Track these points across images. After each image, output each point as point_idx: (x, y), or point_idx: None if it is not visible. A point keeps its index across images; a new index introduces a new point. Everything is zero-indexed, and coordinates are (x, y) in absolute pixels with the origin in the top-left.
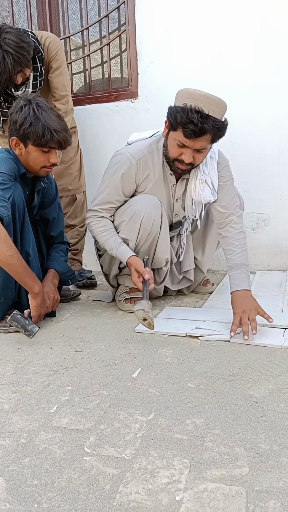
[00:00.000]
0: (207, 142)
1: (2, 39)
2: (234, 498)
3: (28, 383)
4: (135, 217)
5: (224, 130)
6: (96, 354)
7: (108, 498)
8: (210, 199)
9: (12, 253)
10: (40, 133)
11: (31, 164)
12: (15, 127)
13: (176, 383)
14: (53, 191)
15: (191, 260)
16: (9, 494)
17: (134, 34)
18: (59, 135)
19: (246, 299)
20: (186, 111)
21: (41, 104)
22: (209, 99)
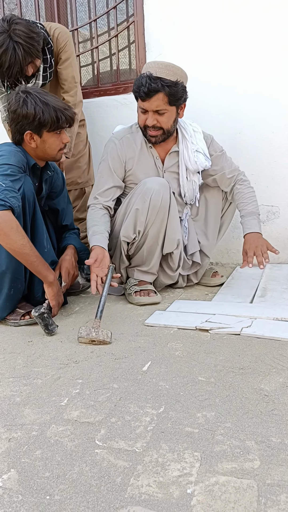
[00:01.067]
0: (163, 102)
1: (12, 30)
2: (246, 491)
3: (39, 376)
4: (144, 195)
5: (177, 89)
6: (106, 347)
7: (120, 490)
8: (205, 164)
9: (24, 242)
10: (54, 117)
11: (48, 151)
12: (27, 121)
13: (186, 377)
14: (60, 181)
15: (195, 243)
16: (22, 486)
17: (142, 25)
18: (68, 112)
19: (257, 239)
20: (138, 78)
21: (39, 90)
22: (159, 63)
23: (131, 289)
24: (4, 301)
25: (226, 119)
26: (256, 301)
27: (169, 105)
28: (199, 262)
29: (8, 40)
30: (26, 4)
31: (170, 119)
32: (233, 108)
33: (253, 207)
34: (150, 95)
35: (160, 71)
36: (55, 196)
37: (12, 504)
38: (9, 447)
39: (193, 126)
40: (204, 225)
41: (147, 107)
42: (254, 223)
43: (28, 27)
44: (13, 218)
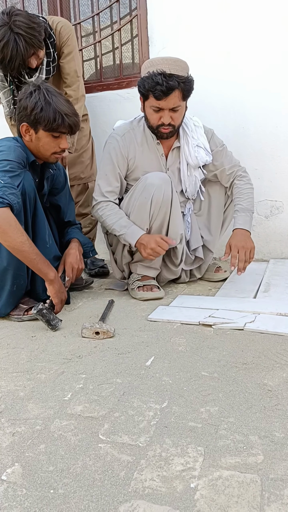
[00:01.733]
0: (178, 99)
1: (13, 22)
2: (249, 486)
3: (43, 371)
4: (146, 191)
5: (190, 84)
6: (109, 342)
7: (123, 484)
8: (206, 159)
9: (23, 240)
10: (51, 118)
11: (41, 150)
12: (25, 113)
13: (190, 372)
14: (62, 177)
15: (198, 238)
16: (26, 480)
17: (145, 19)
18: (69, 119)
19: (246, 239)
20: (150, 77)
21: (50, 89)
22: (168, 60)
23: (134, 284)
24: (7, 297)
25: (229, 114)
26: (259, 296)
27: (183, 101)
28: (202, 258)
29: (9, 32)
30: None
31: (182, 114)
32: (237, 102)
33: (248, 203)
34: (168, 94)
35: (171, 67)
36: (56, 192)
37: (16, 498)
38: (13, 441)
39: (194, 121)
40: (207, 220)
41: (163, 106)
42: (246, 220)
43: (29, 18)
44: (12, 215)
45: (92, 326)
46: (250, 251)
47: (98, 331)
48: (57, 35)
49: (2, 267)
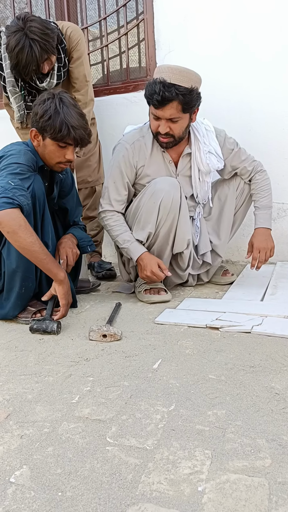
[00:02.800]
0: (176, 111)
1: (28, 28)
2: (257, 489)
3: (50, 373)
4: (154, 196)
5: (192, 97)
6: (117, 345)
7: (131, 487)
8: (218, 166)
9: (33, 240)
10: (57, 128)
11: (47, 157)
12: (35, 119)
13: (197, 374)
14: (70, 180)
15: (206, 243)
16: (34, 482)
17: (152, 23)
18: (76, 132)
19: (267, 238)
20: (151, 84)
21: (65, 99)
22: (173, 69)
23: (141, 287)
24: (16, 300)
25: (236, 116)
26: (266, 299)
27: (183, 113)
28: (210, 263)
29: (24, 37)
30: (36, 3)
31: (183, 126)
32: (244, 104)
33: (268, 200)
34: (164, 104)
35: (174, 77)
36: (64, 195)
37: (24, 500)
38: (21, 444)
39: (205, 125)
40: (217, 224)
41: (160, 115)
42: (266, 217)
43: (43, 24)
44: (22, 216)
45: (100, 329)
46: (271, 251)
47: (105, 334)
48: (67, 40)
49: (11, 269)
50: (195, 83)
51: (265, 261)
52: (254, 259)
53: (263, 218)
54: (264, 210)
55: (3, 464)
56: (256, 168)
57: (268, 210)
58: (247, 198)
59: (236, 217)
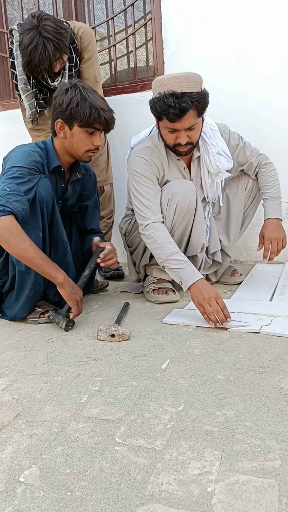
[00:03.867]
0: (193, 118)
1: (42, 26)
2: (267, 491)
3: (59, 373)
4: (172, 199)
5: (205, 100)
6: (125, 345)
7: (140, 488)
8: (228, 166)
9: (26, 247)
10: (87, 112)
11: (75, 147)
12: (60, 109)
13: (206, 375)
14: (92, 184)
15: (216, 242)
16: (43, 482)
17: (159, 23)
18: (106, 114)
19: (278, 228)
20: (161, 99)
21: (86, 86)
22: (178, 77)
23: (149, 287)
24: (24, 302)
25: (244, 115)
26: (275, 299)
27: (198, 117)
28: (220, 262)
29: (38, 36)
30: (44, 3)
31: (199, 130)
32: (252, 104)
33: (276, 191)
34: (182, 115)
35: (183, 86)
36: (85, 198)
37: (34, 500)
38: (30, 443)
39: (210, 124)
40: (226, 224)
41: (178, 127)
42: (276, 208)
43: (57, 23)
44: (13, 222)
45: (108, 329)
46: (282, 241)
47: (114, 334)
48: (78, 40)
49: (22, 273)
50: (201, 84)
51: (277, 252)
52: (266, 250)
53: (273, 209)
54: (273, 201)
55: (12, 463)
56: (261, 162)
57: (277, 200)
58: (256, 197)
59: (245, 217)
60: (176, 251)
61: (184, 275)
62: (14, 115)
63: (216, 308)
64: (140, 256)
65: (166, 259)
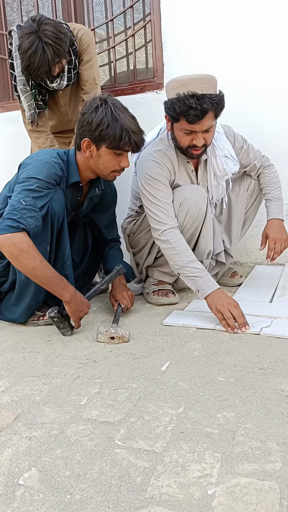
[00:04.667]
0: (211, 120)
1: (42, 31)
2: (268, 493)
3: (58, 375)
4: (183, 204)
5: (223, 102)
6: (124, 347)
7: (140, 490)
8: (235, 169)
9: (36, 265)
10: (118, 135)
11: (101, 167)
12: (89, 128)
13: (206, 377)
14: (111, 198)
15: (220, 243)
16: (43, 485)
17: (159, 24)
18: (136, 137)
19: (281, 228)
20: (181, 100)
21: (117, 104)
22: (198, 79)
23: (150, 288)
24: (24, 310)
25: (244, 117)
26: (275, 300)
27: (215, 119)
28: (224, 262)
29: (38, 40)
30: (43, 5)
31: (213, 132)
32: (252, 105)
33: (279, 192)
34: (202, 117)
35: (203, 87)
36: (102, 210)
37: (33, 503)
38: (29, 446)
39: (216, 127)
40: (228, 224)
41: (197, 129)
42: (279, 209)
43: (56, 27)
44: (26, 239)
45: (107, 331)
46: (285, 241)
47: (113, 336)
48: (77, 42)
49: (24, 283)
50: (217, 85)
51: (280, 252)
52: (270, 249)
53: (276, 209)
54: (276, 202)
55: (11, 466)
56: (264, 163)
57: (279, 201)
58: (257, 198)
59: (247, 218)
60: (194, 259)
61: (202, 284)
62: (13, 117)
63: (237, 313)
64: (144, 257)
65: (185, 266)
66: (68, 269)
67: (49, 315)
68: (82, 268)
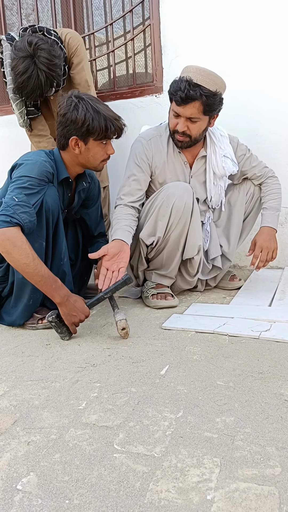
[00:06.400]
0: (198, 111)
1: (37, 57)
2: (267, 498)
3: (57, 379)
4: (167, 200)
5: (214, 100)
6: (123, 351)
7: (139, 495)
8: (233, 169)
9: (28, 262)
10: (103, 126)
11: (91, 160)
12: (74, 126)
13: (205, 381)
14: (96, 191)
15: (217, 248)
16: (41, 490)
17: (158, 28)
18: (119, 123)
19: (271, 238)
20: (177, 81)
21: (92, 98)
22: (201, 70)
23: (148, 292)
24: (22, 310)
25: (242, 120)
26: (274, 304)
27: (203, 115)
28: (220, 267)
29: (33, 66)
30: (42, 9)
31: (201, 128)
32: (250, 109)
33: (277, 203)
34: (187, 102)
35: (201, 78)
36: (89, 205)
37: (31, 508)
38: (28, 451)
39: (220, 130)
40: (226, 229)
41: (180, 113)
42: (274, 218)
43: (51, 53)
44: (19, 235)
45: (125, 320)
46: (273, 252)
47: (125, 327)
48: (66, 46)
49: (21, 281)
50: (220, 88)
51: (266, 262)
52: (255, 257)
53: (270, 218)
54: (272, 211)
55: (10, 471)
56: (267, 174)
57: (276, 212)
58: (257, 204)
59: (246, 223)
60: (117, 222)
61: (113, 234)
62: (12, 120)
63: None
64: (136, 260)
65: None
66: (65, 265)
67: (48, 319)
68: (78, 267)
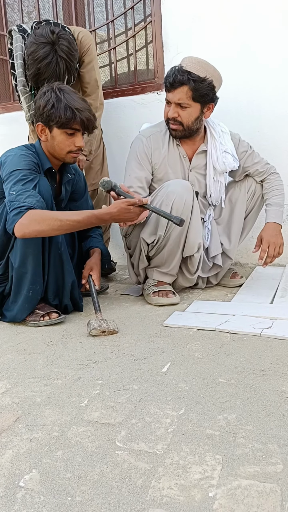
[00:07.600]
0: (186, 96)
1: (59, 45)
2: (269, 495)
3: (59, 376)
4: (167, 198)
5: (203, 85)
6: (125, 348)
7: (141, 493)
8: (233, 165)
9: (60, 223)
10: (62, 113)
11: (57, 149)
12: (39, 112)
13: (207, 378)
14: (82, 183)
15: (217, 245)
16: (43, 487)
17: (160, 25)
18: (82, 114)
19: (277, 233)
20: (170, 69)
21: (64, 88)
22: (194, 59)
23: (150, 289)
24: (23, 303)
25: (245, 118)
26: (276, 301)
27: (193, 101)
28: (221, 265)
29: (54, 53)
30: (43, 6)
31: (192, 115)
32: (252, 106)
33: (281, 199)
34: (175, 86)
35: (191, 65)
36: (77, 198)
37: (34, 505)
38: (30, 448)
39: (221, 127)
40: (227, 226)
41: (170, 98)
42: (279, 214)
43: (71, 44)
44: (33, 212)
45: (100, 326)
46: (280, 247)
47: (105, 330)
48: (78, 45)
49: (19, 272)
50: (212, 76)
51: (273, 258)
52: (263, 251)
53: (275, 214)
54: (276, 207)
55: (12, 468)
56: (269, 170)
57: (280, 208)
58: (258, 201)
59: (247, 221)
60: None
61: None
62: (14, 118)
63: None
64: (137, 258)
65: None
66: (64, 254)
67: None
68: (75, 259)
